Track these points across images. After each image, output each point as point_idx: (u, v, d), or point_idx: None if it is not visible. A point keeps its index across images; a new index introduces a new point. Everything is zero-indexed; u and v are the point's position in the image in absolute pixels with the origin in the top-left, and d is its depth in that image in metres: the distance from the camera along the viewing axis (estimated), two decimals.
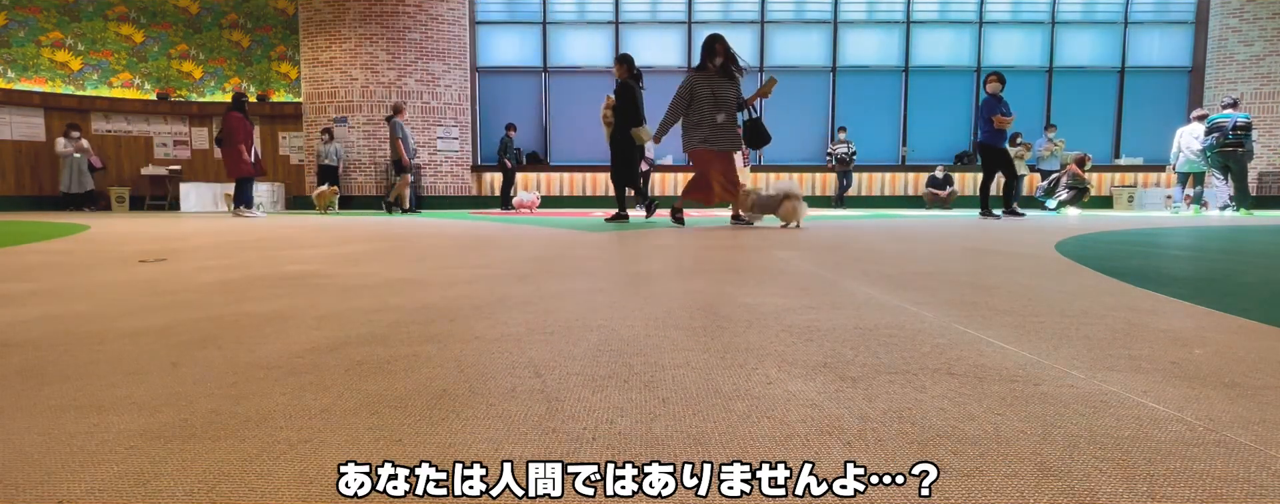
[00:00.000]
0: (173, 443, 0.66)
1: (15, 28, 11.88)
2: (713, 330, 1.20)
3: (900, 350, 1.05)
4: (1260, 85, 12.14)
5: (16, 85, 11.91)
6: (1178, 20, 12.52)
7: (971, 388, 0.84)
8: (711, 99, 5.33)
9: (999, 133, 7.35)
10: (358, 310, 1.41)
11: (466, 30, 12.34)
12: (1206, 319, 1.31)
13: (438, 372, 0.92)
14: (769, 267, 2.25)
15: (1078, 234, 4.15)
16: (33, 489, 0.55)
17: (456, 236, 4.01)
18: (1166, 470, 0.59)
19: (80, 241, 3.67)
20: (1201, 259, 2.56)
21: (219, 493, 0.55)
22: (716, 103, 5.34)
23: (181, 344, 1.09)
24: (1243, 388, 0.84)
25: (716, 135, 5.38)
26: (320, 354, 1.02)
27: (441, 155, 12.46)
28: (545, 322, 1.28)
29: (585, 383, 0.87)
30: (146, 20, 12.68)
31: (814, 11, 12.56)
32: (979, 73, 12.50)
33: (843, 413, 0.75)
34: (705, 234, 4.26)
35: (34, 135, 12.13)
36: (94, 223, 6.24)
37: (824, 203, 12.45)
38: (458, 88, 12.41)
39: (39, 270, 2.23)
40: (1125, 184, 12.42)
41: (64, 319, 1.32)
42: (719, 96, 5.35)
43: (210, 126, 12.99)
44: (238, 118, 8.40)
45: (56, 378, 0.89)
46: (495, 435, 0.68)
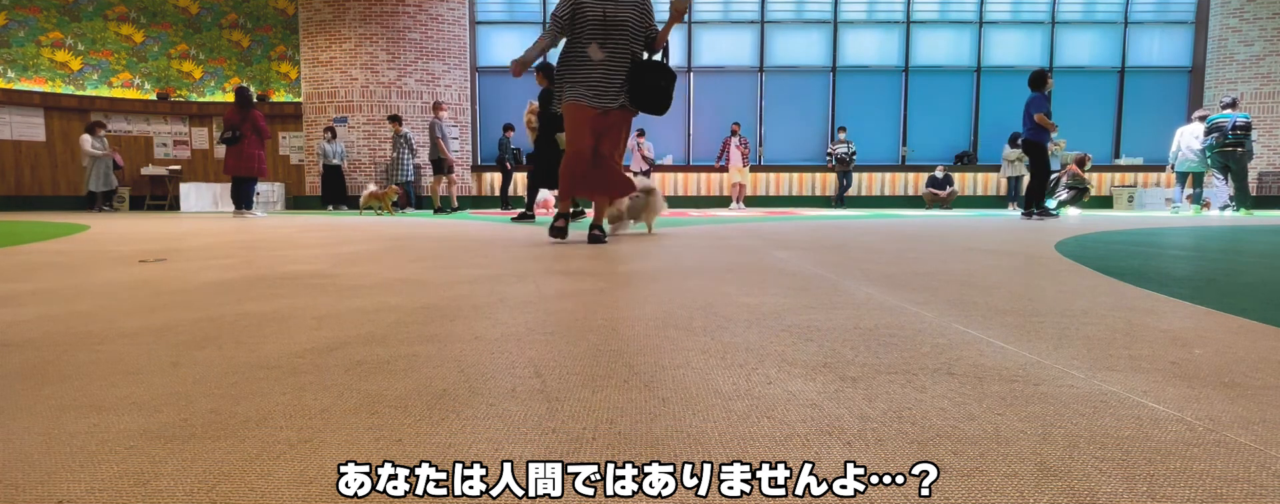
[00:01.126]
0: (173, 443, 0.66)
1: (15, 28, 11.88)
2: (713, 330, 1.20)
3: (900, 350, 1.05)
4: (1260, 85, 12.14)
5: (16, 85, 11.91)
6: (1178, 20, 12.52)
7: (971, 388, 0.84)
8: (599, 24, 3.37)
9: (1044, 131, 7.20)
10: (358, 310, 1.41)
11: (466, 30, 12.34)
12: (1206, 319, 1.31)
13: (438, 372, 0.92)
14: (768, 266, 2.25)
15: (1078, 234, 4.15)
16: (33, 489, 0.55)
17: (456, 236, 4.01)
18: (1166, 470, 0.59)
19: (80, 241, 3.67)
20: (1201, 259, 2.56)
21: (219, 493, 0.55)
22: (605, 29, 3.37)
23: (181, 344, 1.09)
24: (1243, 388, 0.84)
25: (598, 85, 3.43)
26: (320, 354, 1.02)
27: None
28: (545, 321, 1.28)
29: (585, 383, 0.87)
30: (146, 20, 12.67)
31: (814, 11, 12.56)
32: (979, 73, 12.50)
33: (843, 413, 0.75)
34: (701, 235, 4.26)
35: (34, 135, 12.13)
36: (94, 223, 6.24)
37: (824, 203, 12.45)
38: (458, 88, 12.41)
39: (39, 270, 2.23)
40: (1125, 184, 12.42)
41: (64, 319, 1.32)
42: (611, 20, 3.36)
43: (211, 126, 12.99)
44: (260, 115, 8.33)
45: (56, 378, 0.89)
46: (495, 435, 0.68)
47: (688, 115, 12.64)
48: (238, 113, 8.19)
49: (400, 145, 10.88)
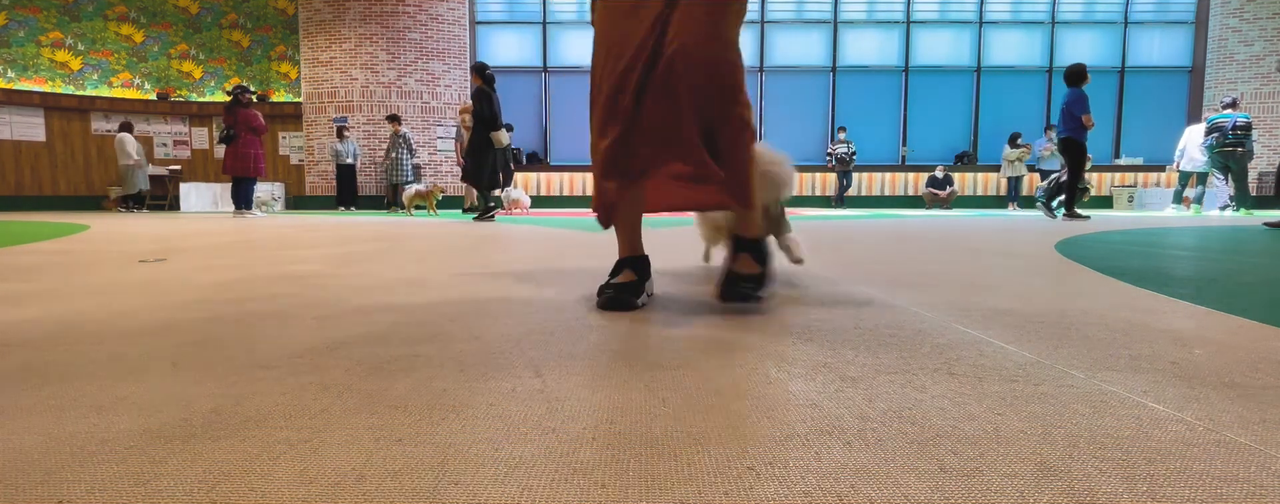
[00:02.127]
0: (173, 443, 0.66)
1: (15, 28, 11.89)
2: (712, 330, 1.20)
3: (900, 350, 1.05)
4: (1260, 85, 12.15)
5: (16, 85, 11.91)
6: (1178, 20, 12.53)
7: (971, 388, 0.84)
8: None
9: (1084, 129, 7.11)
10: (358, 310, 1.41)
11: (466, 30, 12.35)
12: (1207, 319, 1.31)
13: (438, 372, 0.92)
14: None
15: (1078, 234, 4.15)
16: (33, 489, 0.55)
17: (456, 237, 4.01)
18: (1166, 470, 0.59)
19: (80, 241, 3.67)
20: (1201, 259, 2.56)
21: (219, 493, 0.55)
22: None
23: (181, 344, 1.09)
24: (1243, 388, 0.84)
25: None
26: (320, 354, 1.02)
27: (441, 155, 12.46)
28: (545, 321, 1.28)
29: (585, 383, 0.87)
30: (146, 20, 12.68)
31: (814, 11, 12.56)
32: (979, 73, 12.51)
33: (843, 413, 0.75)
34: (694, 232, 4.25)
35: (34, 135, 12.13)
36: (94, 223, 6.24)
37: (824, 203, 12.45)
38: (458, 88, 12.41)
39: (39, 270, 2.23)
40: (1125, 184, 12.42)
41: (64, 319, 1.32)
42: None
43: (210, 126, 12.99)
44: (253, 114, 8.34)
45: (56, 378, 0.89)
46: (495, 435, 0.68)
47: None
48: (230, 113, 8.24)
49: (398, 146, 10.81)
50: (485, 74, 6.84)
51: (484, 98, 6.74)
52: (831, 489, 0.55)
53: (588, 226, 5.25)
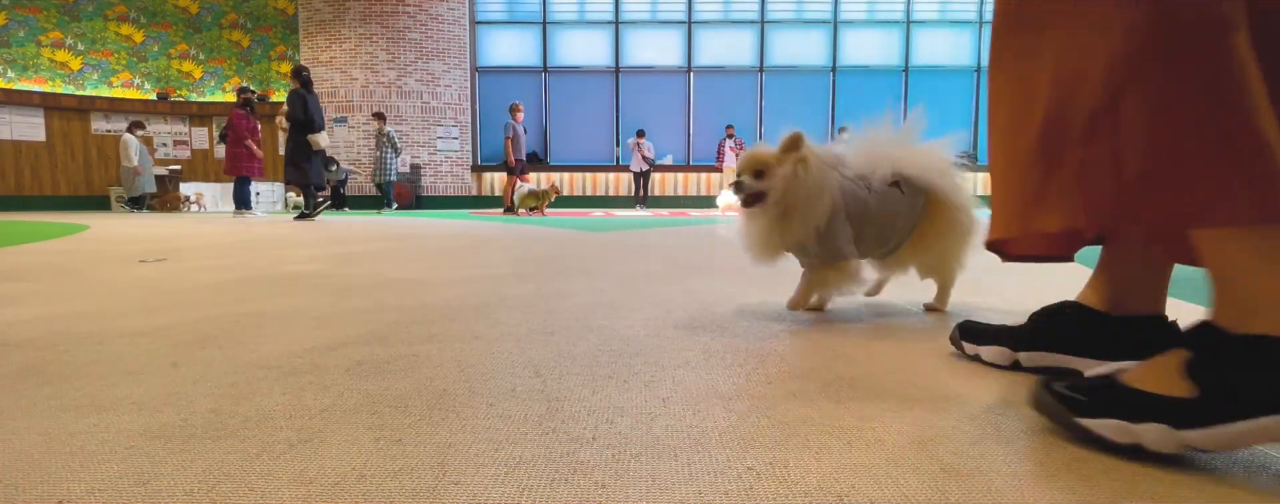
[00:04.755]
0: (173, 443, 0.66)
1: (15, 28, 11.89)
2: (713, 330, 1.20)
3: (900, 350, 1.05)
4: None
5: (16, 85, 11.92)
6: None
7: (971, 387, 0.84)
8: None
9: None
10: (358, 310, 1.41)
11: (466, 30, 12.35)
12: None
13: (438, 372, 0.92)
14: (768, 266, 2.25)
15: None
16: (33, 489, 0.55)
17: (456, 237, 4.01)
18: (1166, 470, 0.59)
19: (80, 241, 3.67)
20: None
21: (219, 493, 0.55)
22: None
23: (181, 344, 1.09)
24: None
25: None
26: (320, 354, 1.02)
27: (441, 155, 12.46)
28: (545, 321, 1.28)
29: (585, 383, 0.87)
30: (146, 20, 12.68)
31: (814, 11, 12.56)
32: (979, 73, 12.51)
33: (843, 413, 0.75)
34: (700, 235, 4.26)
35: (34, 135, 12.13)
36: (94, 223, 6.24)
37: None
38: (458, 88, 12.42)
39: (39, 270, 2.23)
40: None
41: (64, 319, 1.32)
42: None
43: (211, 126, 12.99)
44: (241, 115, 8.45)
45: (56, 378, 0.89)
46: (495, 435, 0.68)
47: (687, 115, 12.65)
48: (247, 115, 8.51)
49: (382, 144, 10.50)
50: (302, 77, 7.08)
51: (297, 100, 6.96)
52: (831, 489, 0.55)
53: (589, 226, 5.26)
